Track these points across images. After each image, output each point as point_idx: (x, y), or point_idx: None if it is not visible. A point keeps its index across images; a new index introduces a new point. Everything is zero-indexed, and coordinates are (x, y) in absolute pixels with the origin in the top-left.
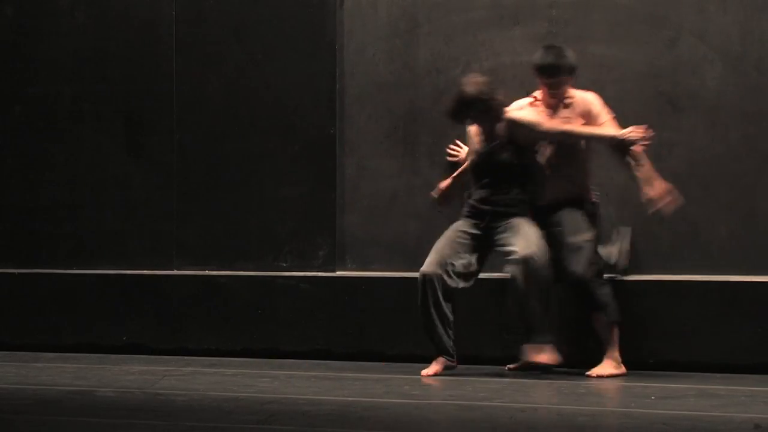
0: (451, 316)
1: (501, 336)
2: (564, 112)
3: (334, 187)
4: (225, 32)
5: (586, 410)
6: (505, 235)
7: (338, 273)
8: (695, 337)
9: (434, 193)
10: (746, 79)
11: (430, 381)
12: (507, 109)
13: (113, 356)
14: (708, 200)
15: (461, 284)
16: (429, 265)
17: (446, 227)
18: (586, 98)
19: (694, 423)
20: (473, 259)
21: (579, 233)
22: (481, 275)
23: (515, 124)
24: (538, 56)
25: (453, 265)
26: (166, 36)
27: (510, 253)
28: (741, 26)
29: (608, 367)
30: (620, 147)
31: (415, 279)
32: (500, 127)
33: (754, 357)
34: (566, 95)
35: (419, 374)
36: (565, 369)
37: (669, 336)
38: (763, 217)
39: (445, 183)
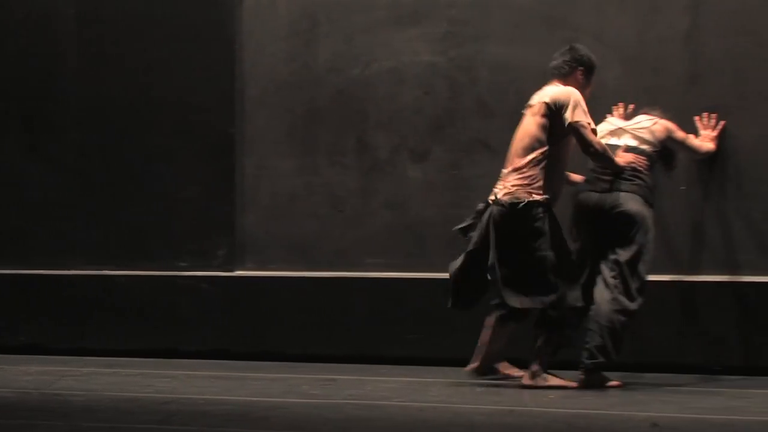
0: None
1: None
2: None
3: (233, 187)
4: (124, 31)
5: (484, 409)
6: None
7: (237, 272)
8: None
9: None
10: (643, 80)
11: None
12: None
13: (11, 356)
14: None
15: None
16: None
17: (348, 227)
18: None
19: (591, 422)
20: None
21: None
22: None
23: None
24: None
25: None
26: (65, 34)
27: None
28: (638, 27)
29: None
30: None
31: (314, 278)
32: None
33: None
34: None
35: (321, 374)
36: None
37: None
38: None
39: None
